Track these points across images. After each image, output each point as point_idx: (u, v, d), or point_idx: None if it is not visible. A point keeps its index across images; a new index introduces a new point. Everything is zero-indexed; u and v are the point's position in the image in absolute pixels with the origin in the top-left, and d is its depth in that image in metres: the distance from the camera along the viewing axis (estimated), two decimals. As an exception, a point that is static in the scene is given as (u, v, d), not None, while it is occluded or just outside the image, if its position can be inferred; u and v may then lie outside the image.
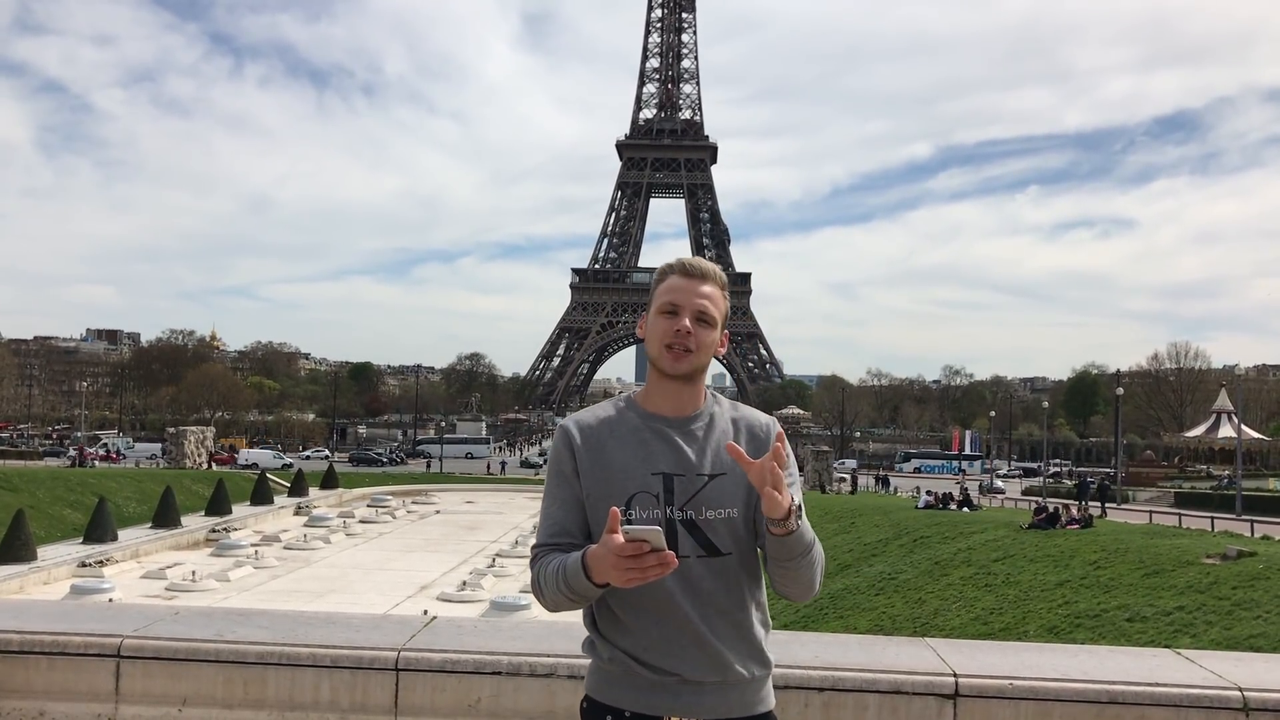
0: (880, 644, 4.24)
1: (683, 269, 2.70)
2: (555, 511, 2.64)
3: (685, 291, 2.65)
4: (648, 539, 2.25)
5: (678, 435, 2.62)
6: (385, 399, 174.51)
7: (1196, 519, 37.11)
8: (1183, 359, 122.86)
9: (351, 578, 32.92)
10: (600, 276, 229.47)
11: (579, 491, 2.61)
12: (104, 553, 34.05)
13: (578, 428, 2.67)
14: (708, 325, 2.64)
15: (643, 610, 2.54)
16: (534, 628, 4.38)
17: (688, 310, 2.63)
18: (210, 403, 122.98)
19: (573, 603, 2.52)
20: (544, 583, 2.53)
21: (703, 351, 2.64)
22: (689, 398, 2.68)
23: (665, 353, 2.63)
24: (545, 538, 2.63)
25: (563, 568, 2.46)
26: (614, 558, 2.27)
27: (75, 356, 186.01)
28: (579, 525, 2.62)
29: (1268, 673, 3.89)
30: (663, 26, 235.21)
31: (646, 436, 2.62)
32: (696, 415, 2.67)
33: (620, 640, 2.57)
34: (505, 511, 54.49)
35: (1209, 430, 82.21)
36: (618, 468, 2.59)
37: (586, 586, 2.41)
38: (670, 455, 2.59)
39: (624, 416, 2.68)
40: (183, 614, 4.39)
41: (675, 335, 2.61)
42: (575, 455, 2.63)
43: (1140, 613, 21.51)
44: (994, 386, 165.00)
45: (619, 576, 2.30)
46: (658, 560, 2.26)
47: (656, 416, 2.66)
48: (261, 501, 49.91)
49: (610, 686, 2.60)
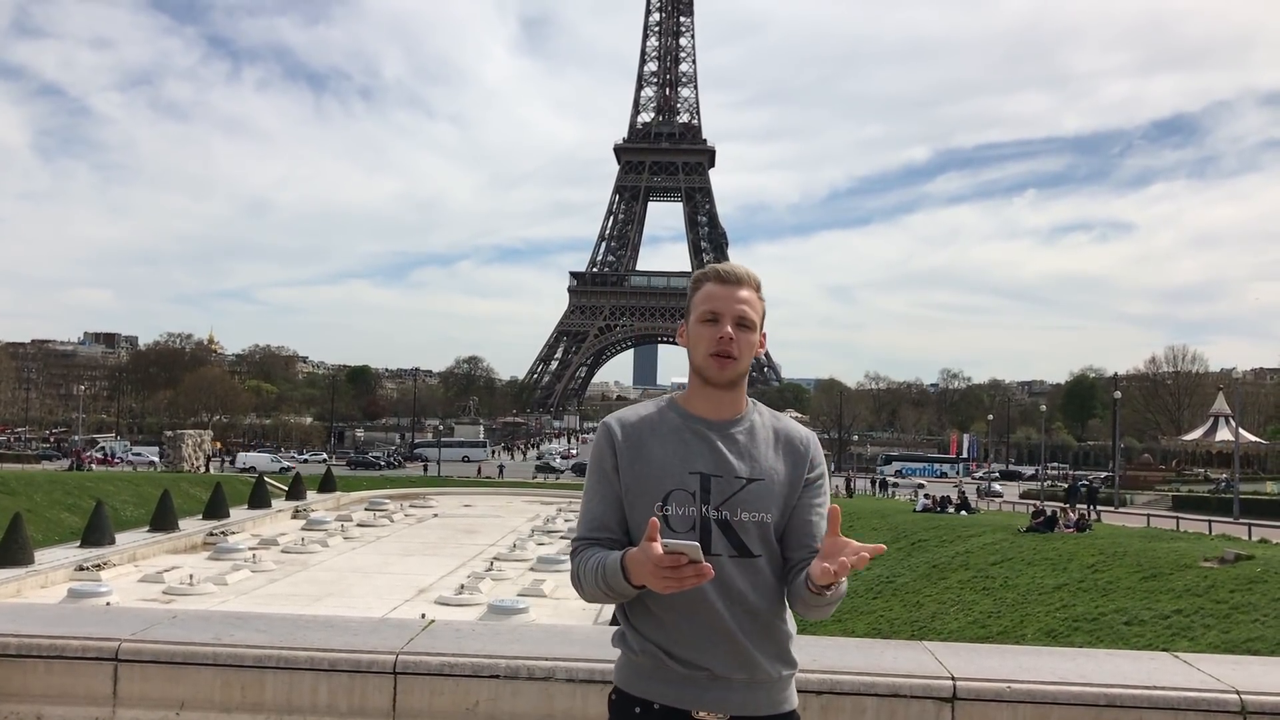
0: (878, 647, 4.24)
1: (718, 276, 2.75)
2: (595, 506, 2.72)
3: (724, 298, 2.71)
4: (686, 552, 2.33)
5: (718, 438, 2.69)
6: (383, 402, 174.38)
7: (1194, 522, 37.18)
8: (1180, 362, 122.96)
9: (349, 581, 32.89)
10: (598, 280, 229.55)
11: (618, 488, 2.69)
12: (101, 556, 34.00)
13: (620, 425, 2.75)
14: (748, 329, 2.71)
15: (675, 606, 2.59)
16: (532, 631, 4.38)
17: (728, 317, 2.69)
18: (208, 406, 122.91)
19: (609, 598, 2.60)
20: (583, 577, 2.62)
21: (745, 356, 2.71)
22: (730, 402, 2.75)
23: (711, 361, 2.69)
24: (585, 531, 2.72)
25: (602, 566, 2.55)
26: (652, 566, 2.35)
27: (73, 360, 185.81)
28: (618, 520, 2.69)
29: (1265, 676, 3.89)
30: (661, 30, 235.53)
31: (687, 437, 2.70)
32: (737, 420, 2.74)
33: (652, 633, 2.63)
34: (503, 515, 54.48)
35: (1207, 433, 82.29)
36: (657, 465, 2.66)
37: (624, 587, 2.50)
38: (709, 456, 2.67)
39: (665, 416, 2.75)
40: (180, 617, 4.39)
41: (719, 343, 2.68)
42: (616, 452, 2.70)
43: (1138, 616, 21.52)
44: (992, 390, 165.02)
45: (657, 584, 2.39)
46: (695, 571, 2.35)
47: (698, 418, 2.73)
48: (259, 505, 49.86)
49: (640, 679, 2.66)
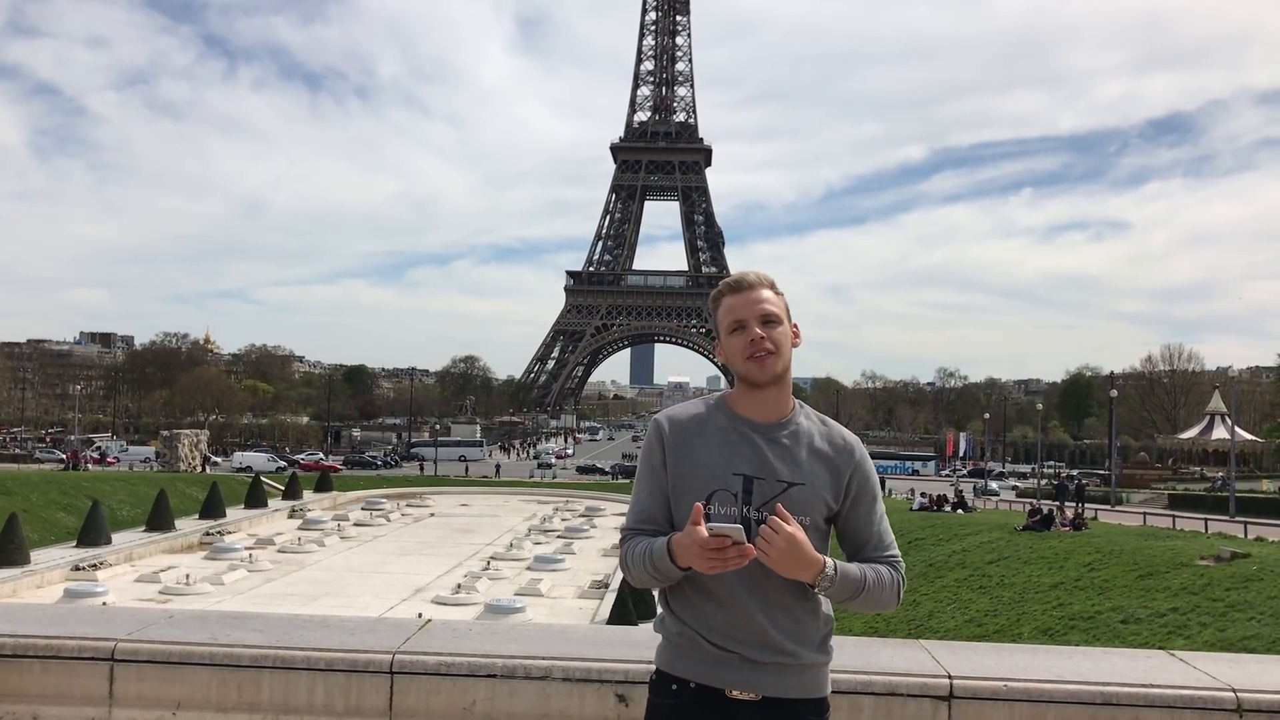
0: (875, 646, 4.24)
1: (731, 288, 2.86)
2: (644, 499, 2.86)
3: (744, 305, 2.81)
4: (729, 535, 2.52)
5: (762, 440, 2.79)
6: (380, 402, 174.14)
7: (1190, 521, 37.19)
8: (1176, 361, 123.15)
9: (346, 581, 32.86)
10: (595, 279, 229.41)
11: (665, 484, 2.82)
12: (98, 556, 33.96)
13: (670, 423, 2.87)
14: (775, 323, 2.80)
15: (712, 596, 2.73)
16: (528, 631, 4.38)
17: (753, 319, 2.79)
18: (204, 406, 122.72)
19: (656, 581, 2.75)
20: (631, 562, 2.77)
21: (783, 349, 2.80)
22: (775, 404, 2.83)
23: (750, 364, 2.78)
24: (633, 522, 2.86)
25: (650, 550, 2.71)
26: (697, 547, 2.54)
27: (69, 360, 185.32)
28: (664, 514, 2.83)
29: (1261, 674, 3.89)
30: (657, 29, 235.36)
31: (733, 438, 2.80)
32: (783, 423, 2.83)
33: (689, 618, 2.77)
34: (500, 514, 54.46)
35: (1203, 432, 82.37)
36: (703, 464, 2.78)
37: (670, 569, 2.66)
38: (753, 459, 2.77)
39: (713, 416, 2.85)
40: (176, 617, 4.38)
41: (752, 345, 2.77)
42: (665, 449, 2.83)
43: (1134, 614, 21.54)
44: (988, 389, 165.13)
45: (702, 564, 2.57)
46: (738, 552, 2.53)
47: (744, 420, 2.82)
48: (256, 504, 49.81)
49: (678, 659, 2.79)
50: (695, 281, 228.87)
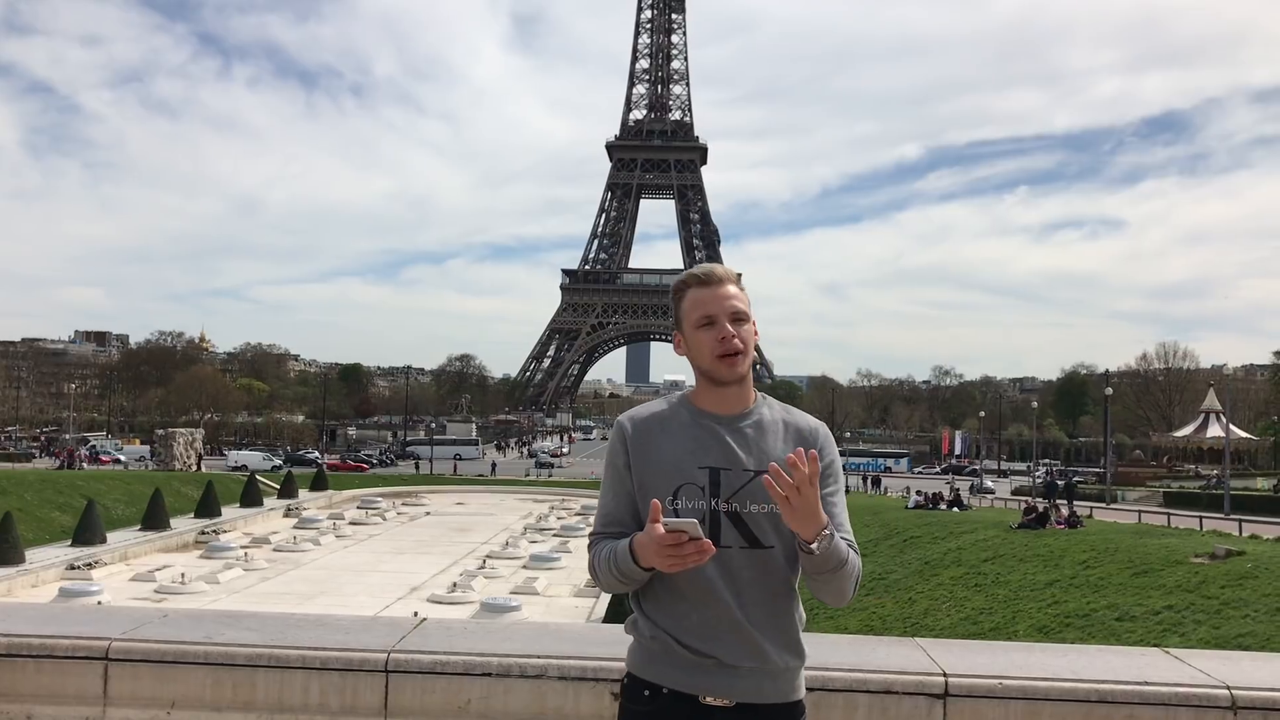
0: (870, 644, 4.25)
1: (699, 280, 2.81)
2: (609, 502, 2.82)
3: (713, 300, 2.77)
4: (685, 530, 2.46)
5: (726, 432, 2.75)
6: (375, 400, 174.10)
7: (1185, 518, 37.26)
8: (1171, 359, 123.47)
9: (341, 579, 32.84)
10: (590, 278, 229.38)
11: (630, 485, 2.77)
12: (93, 555, 33.89)
13: (631, 423, 2.83)
14: (744, 321, 2.78)
15: (686, 596, 2.68)
16: (524, 629, 4.38)
17: (723, 315, 2.75)
18: (199, 404, 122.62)
19: (623, 585, 2.70)
20: (598, 568, 2.73)
21: (749, 348, 2.78)
22: (738, 397, 2.81)
23: (720, 363, 2.75)
24: (599, 526, 2.82)
25: (613, 552, 2.66)
26: (655, 545, 2.48)
27: (64, 358, 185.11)
28: (631, 515, 2.77)
29: (1256, 671, 3.90)
30: (653, 28, 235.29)
31: (696, 432, 2.76)
32: (746, 413, 2.80)
33: (662, 620, 2.71)
34: (496, 513, 54.45)
35: (1197, 430, 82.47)
36: (667, 461, 2.73)
37: (634, 570, 2.61)
38: (718, 450, 2.73)
39: (676, 412, 2.82)
40: (171, 616, 4.37)
41: (723, 343, 2.74)
42: (629, 449, 2.79)
43: (1129, 612, 21.58)
44: (983, 387, 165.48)
45: (661, 562, 2.51)
46: (696, 548, 2.46)
47: (707, 414, 2.80)
48: (251, 503, 49.74)
49: (650, 663, 2.73)
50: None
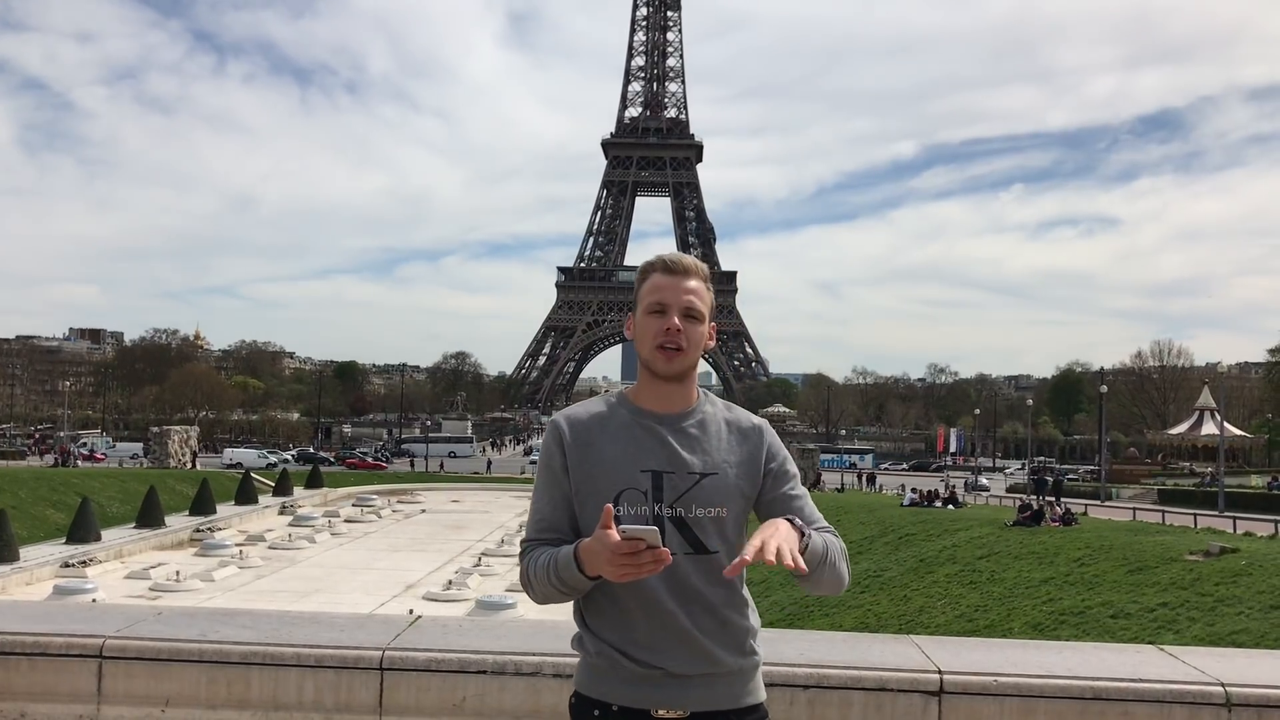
0: (866, 641, 4.25)
1: (664, 266, 2.68)
2: (544, 507, 2.65)
3: (671, 289, 2.64)
4: (644, 538, 2.27)
5: (669, 433, 2.61)
6: (370, 398, 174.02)
7: (1180, 516, 37.26)
8: (1166, 357, 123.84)
9: (336, 577, 32.83)
10: (586, 275, 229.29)
11: (568, 487, 2.62)
12: (87, 553, 33.87)
13: (568, 423, 2.67)
14: (696, 321, 2.64)
15: (629, 605, 2.54)
16: (520, 627, 4.37)
17: (675, 308, 2.62)
18: (194, 402, 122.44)
19: (563, 595, 2.54)
20: (534, 576, 2.56)
21: (694, 348, 2.63)
22: (680, 395, 2.67)
23: (658, 353, 2.62)
24: (534, 532, 2.65)
25: (554, 560, 2.49)
26: (609, 553, 2.29)
27: (58, 356, 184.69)
28: (568, 520, 2.62)
29: (1250, 668, 3.91)
30: (648, 25, 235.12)
31: (637, 433, 2.61)
32: (689, 413, 2.66)
33: (607, 634, 2.58)
34: (491, 510, 54.45)
35: (1192, 427, 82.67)
36: (607, 464, 2.59)
37: (578, 579, 2.44)
38: (661, 453, 2.59)
39: (615, 412, 2.67)
40: (166, 614, 4.37)
41: (666, 334, 2.61)
42: (565, 451, 2.63)
43: (1124, 609, 21.61)
44: (978, 384, 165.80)
45: (613, 571, 2.32)
46: (653, 557, 2.28)
47: (648, 413, 2.65)
48: (246, 501, 49.75)
49: (597, 681, 2.60)
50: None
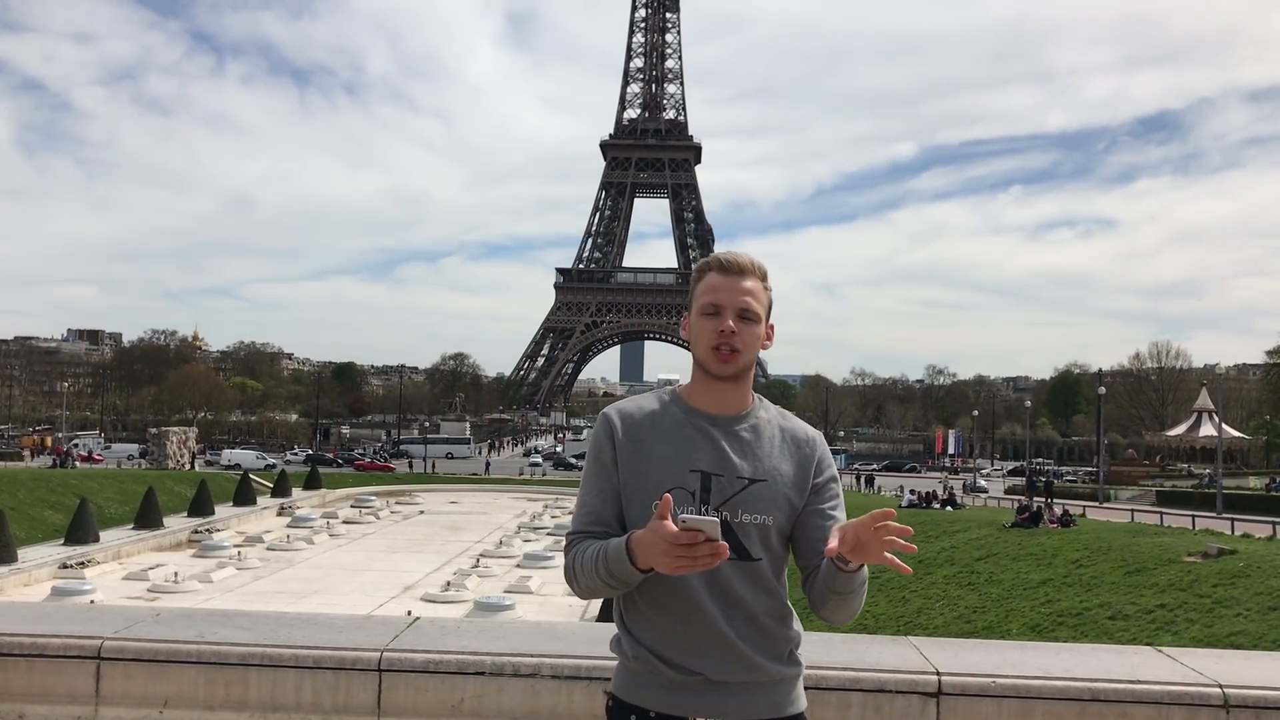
0: (864, 642, 4.24)
1: (720, 266, 2.62)
2: (592, 500, 2.61)
3: (726, 290, 2.59)
4: (704, 529, 2.22)
5: (721, 435, 2.57)
6: (369, 399, 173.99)
7: (1178, 517, 37.30)
8: (1164, 358, 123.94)
9: (335, 578, 32.80)
10: (585, 276, 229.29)
11: (616, 481, 2.58)
12: (85, 554, 33.82)
13: (620, 417, 2.63)
14: (752, 321, 2.59)
15: (669, 609, 2.50)
16: (518, 628, 4.37)
17: (730, 309, 2.57)
18: (193, 403, 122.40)
19: (609, 589, 2.48)
20: (580, 568, 2.50)
21: (749, 349, 2.59)
22: (735, 397, 2.63)
23: (712, 355, 2.57)
24: (581, 525, 2.61)
25: (603, 552, 2.43)
26: (665, 544, 2.23)
27: (56, 357, 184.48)
28: (615, 514, 2.59)
29: (1248, 670, 3.91)
30: (647, 26, 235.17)
31: (689, 432, 2.57)
32: (743, 416, 2.62)
33: (646, 638, 2.53)
34: (489, 512, 54.42)
35: (1190, 429, 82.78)
36: (657, 461, 2.55)
37: (629, 571, 2.37)
38: (711, 454, 2.54)
39: (668, 410, 2.62)
40: (164, 615, 4.36)
41: (720, 336, 2.56)
42: (615, 445, 2.59)
43: (1122, 611, 21.62)
44: (977, 386, 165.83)
45: (669, 563, 2.26)
46: (711, 550, 2.22)
47: (701, 413, 2.61)
48: (244, 502, 49.70)
49: (635, 686, 2.55)
50: (685, 279, 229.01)
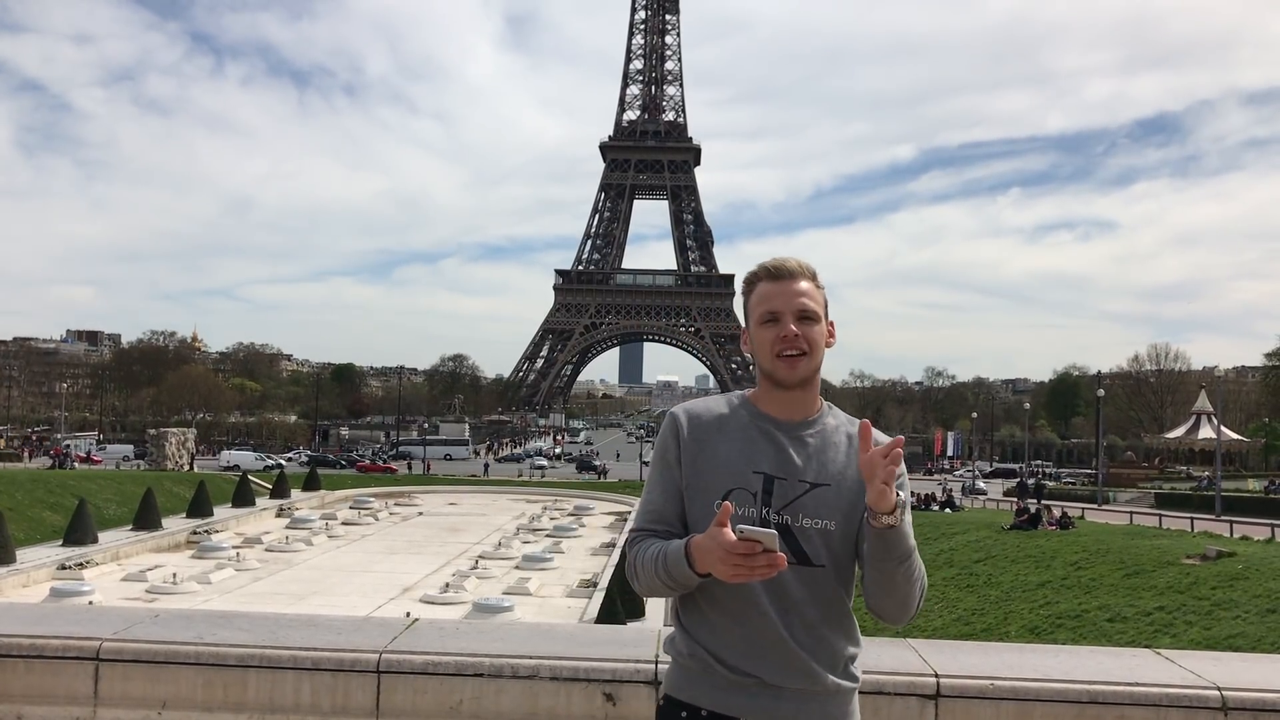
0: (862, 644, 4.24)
1: (769, 274, 2.61)
2: (656, 498, 2.61)
3: (780, 295, 2.58)
4: (761, 540, 2.22)
5: (786, 439, 2.57)
6: (368, 400, 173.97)
7: (1176, 520, 37.33)
8: (1163, 360, 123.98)
9: (333, 580, 32.80)
10: (584, 278, 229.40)
11: (680, 481, 2.58)
12: (84, 555, 33.83)
13: (687, 417, 2.64)
14: (812, 321, 2.58)
15: (727, 609, 2.49)
16: (517, 629, 4.37)
17: (789, 313, 2.56)
18: (192, 404, 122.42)
19: (668, 589, 2.49)
20: (641, 566, 2.51)
21: (815, 350, 2.58)
22: (802, 403, 2.62)
23: (779, 362, 2.56)
24: (643, 522, 2.62)
25: (663, 554, 2.44)
26: (723, 552, 2.24)
27: (55, 358, 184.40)
28: (677, 513, 2.59)
29: (1246, 672, 3.90)
30: (646, 28, 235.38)
31: (754, 435, 2.57)
32: (810, 422, 2.61)
33: (702, 637, 2.53)
34: (488, 513, 54.41)
35: (1189, 431, 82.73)
36: (720, 461, 2.55)
37: (687, 575, 2.38)
38: (775, 457, 2.54)
39: (736, 413, 2.62)
40: (163, 616, 4.36)
41: (784, 342, 2.54)
42: (680, 444, 2.60)
43: (1121, 613, 21.63)
44: (976, 388, 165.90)
45: (725, 571, 2.27)
46: (768, 561, 2.23)
47: (768, 417, 2.60)
48: (243, 503, 49.69)
49: (688, 684, 2.55)
50: (684, 281, 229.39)
